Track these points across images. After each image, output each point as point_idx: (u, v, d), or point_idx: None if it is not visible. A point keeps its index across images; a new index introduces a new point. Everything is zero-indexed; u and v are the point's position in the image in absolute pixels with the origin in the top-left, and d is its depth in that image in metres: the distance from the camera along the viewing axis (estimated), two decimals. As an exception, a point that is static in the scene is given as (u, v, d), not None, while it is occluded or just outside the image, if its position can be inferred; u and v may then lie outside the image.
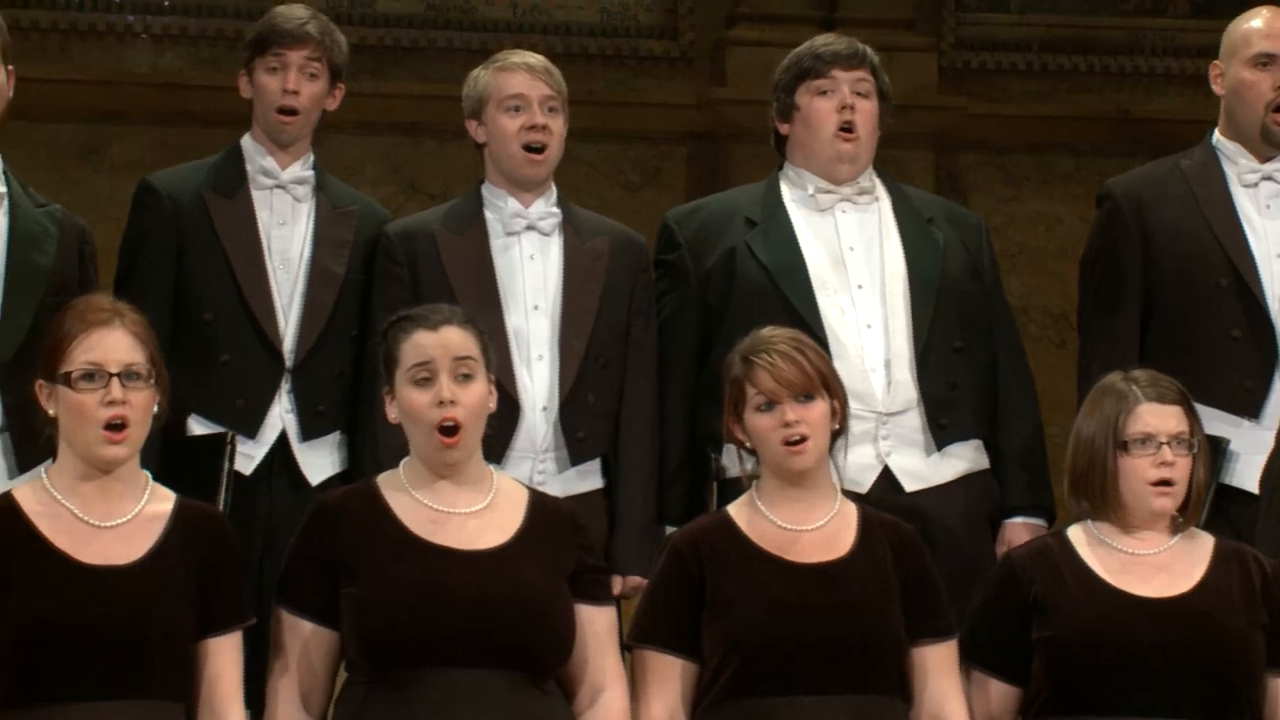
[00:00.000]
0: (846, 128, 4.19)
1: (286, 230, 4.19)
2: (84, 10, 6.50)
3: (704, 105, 6.82)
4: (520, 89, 4.14)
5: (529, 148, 4.14)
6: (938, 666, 3.62)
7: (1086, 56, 7.14)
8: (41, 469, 3.47)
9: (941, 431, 4.12)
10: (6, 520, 3.37)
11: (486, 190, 4.21)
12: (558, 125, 4.17)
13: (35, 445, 3.56)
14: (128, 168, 4.63)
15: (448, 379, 3.52)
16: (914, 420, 4.11)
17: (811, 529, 3.62)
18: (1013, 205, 7.07)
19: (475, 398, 3.54)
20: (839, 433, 3.65)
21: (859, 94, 4.21)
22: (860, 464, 3.98)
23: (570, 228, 4.19)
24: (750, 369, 3.62)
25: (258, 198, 4.19)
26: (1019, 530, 4.16)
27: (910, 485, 4.10)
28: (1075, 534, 3.70)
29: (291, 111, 4.17)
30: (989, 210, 6.92)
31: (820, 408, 3.61)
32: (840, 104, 4.18)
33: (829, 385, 3.63)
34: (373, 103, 6.40)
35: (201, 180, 4.19)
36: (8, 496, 3.43)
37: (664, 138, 6.82)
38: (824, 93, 4.20)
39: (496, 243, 4.15)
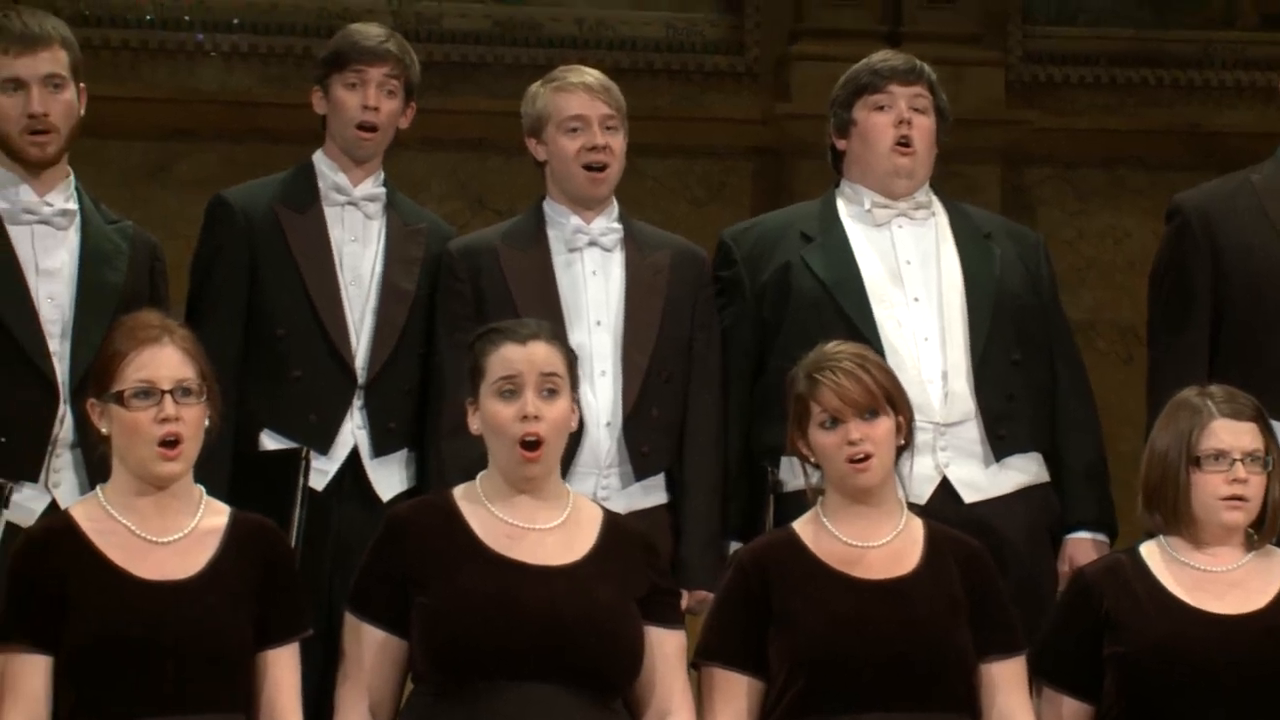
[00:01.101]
0: (903, 142, 4.19)
1: (358, 247, 4.20)
2: (154, 29, 6.55)
3: (769, 120, 6.81)
4: (580, 109, 4.15)
5: (590, 167, 4.14)
6: (1006, 683, 3.60)
7: (1155, 70, 7.09)
8: (97, 488, 3.49)
9: (1000, 443, 4.11)
10: (65, 539, 3.39)
11: (548, 207, 4.22)
12: (618, 143, 4.18)
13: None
14: (197, 185, 4.66)
15: (533, 394, 3.53)
16: (972, 432, 4.11)
17: (877, 545, 3.61)
18: (1081, 220, 7.03)
19: (559, 414, 3.55)
20: (904, 448, 3.65)
21: (916, 109, 4.21)
22: (919, 475, 3.97)
23: (632, 243, 4.20)
24: (815, 386, 3.61)
25: (330, 214, 4.21)
26: (1081, 546, 4.14)
27: (969, 496, 4.09)
28: (1148, 550, 3.68)
29: (371, 128, 4.18)
30: (1058, 224, 6.89)
31: (885, 425, 3.60)
32: (897, 119, 4.19)
33: (894, 401, 3.62)
34: (440, 119, 6.41)
35: (274, 195, 4.21)
36: (65, 515, 3.46)
37: (729, 153, 6.82)
38: (881, 108, 4.21)
39: (559, 259, 4.15)
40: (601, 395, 4.09)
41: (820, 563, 3.58)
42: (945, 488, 4.08)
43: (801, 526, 3.65)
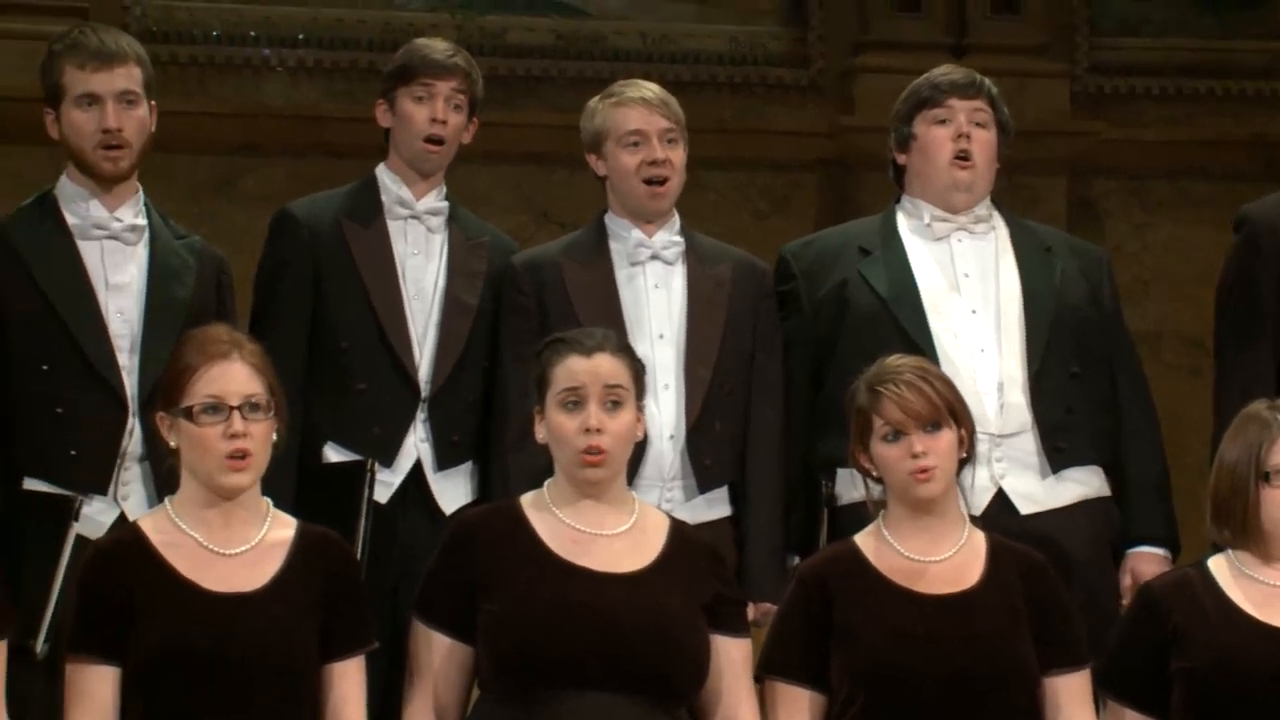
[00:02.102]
0: (963, 156, 4.19)
1: (421, 260, 4.22)
2: (221, 44, 6.59)
3: (833, 133, 6.80)
4: (638, 124, 4.15)
5: (650, 181, 4.15)
6: (1070, 697, 3.59)
7: (1222, 80, 7.05)
8: (166, 500, 3.51)
9: (1057, 455, 4.10)
10: (134, 550, 3.42)
11: (609, 221, 4.23)
12: (677, 156, 4.18)
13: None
14: (263, 200, 4.69)
15: (596, 406, 3.54)
16: (1028, 443, 4.10)
17: (939, 560, 3.60)
18: (1148, 232, 6.99)
19: (623, 426, 3.56)
20: (966, 460, 3.64)
21: (976, 123, 4.21)
22: (975, 486, 3.96)
23: (693, 256, 4.20)
24: (877, 399, 3.60)
25: (393, 228, 4.22)
26: (1143, 560, 4.13)
27: (1025, 508, 4.08)
28: (1216, 564, 3.65)
29: (438, 141, 4.20)
30: (1124, 236, 6.86)
31: (948, 437, 3.59)
32: (956, 132, 4.19)
33: (956, 414, 3.62)
34: (504, 132, 6.43)
35: (338, 209, 4.23)
36: (134, 527, 3.48)
37: (793, 166, 6.81)
38: (941, 121, 4.21)
39: (621, 273, 4.16)
40: (665, 408, 4.09)
41: (882, 577, 3.58)
42: (1001, 499, 4.07)
43: (863, 540, 3.65)
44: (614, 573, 3.52)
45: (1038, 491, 4.10)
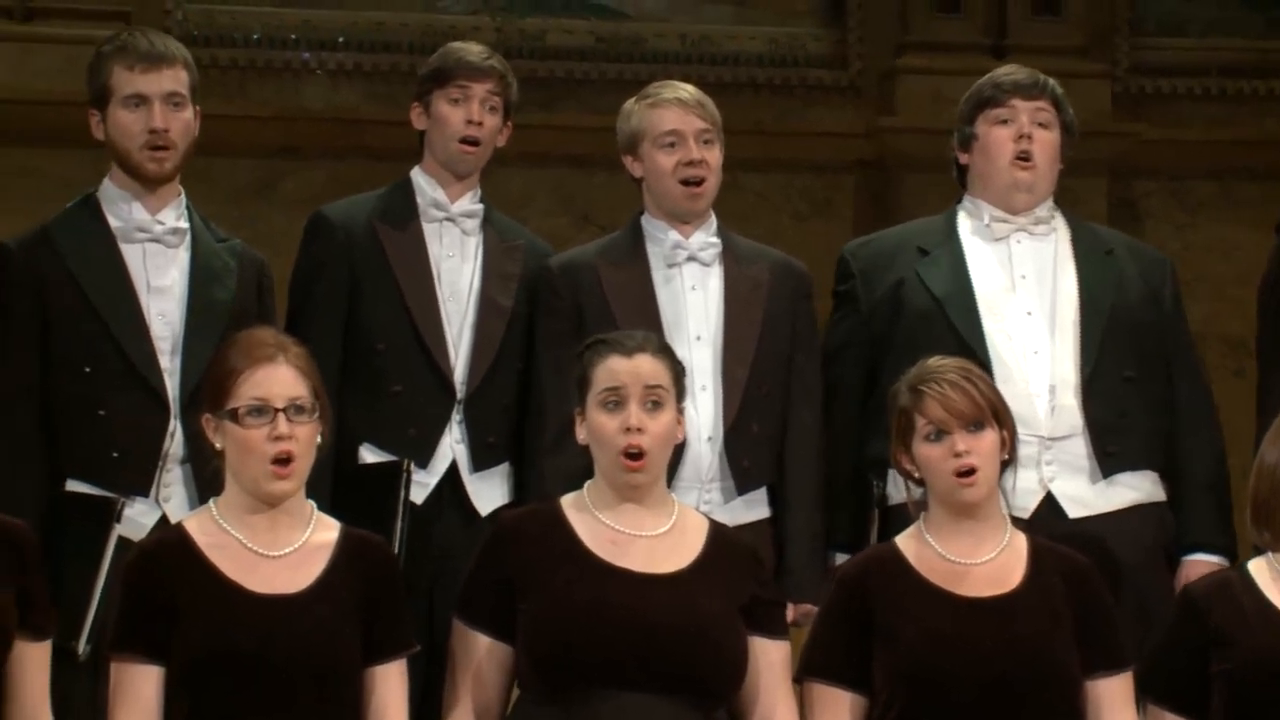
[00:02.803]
0: (1024, 156, 4.17)
1: (455, 263, 4.23)
2: (261, 47, 6.61)
3: (872, 134, 6.79)
4: (674, 124, 4.15)
5: (687, 182, 4.15)
6: (1112, 701, 3.58)
7: (1265, 80, 7.01)
8: (210, 501, 3.52)
9: (1109, 459, 4.08)
10: (178, 551, 3.43)
11: (646, 222, 4.23)
12: (714, 157, 4.18)
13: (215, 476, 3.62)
14: (303, 203, 4.70)
15: (637, 406, 3.54)
16: (1079, 447, 4.08)
17: (981, 562, 3.59)
18: (1189, 232, 6.96)
19: (663, 426, 3.56)
20: (1008, 462, 3.63)
21: (1039, 124, 4.19)
22: (1023, 489, 3.95)
23: (730, 257, 4.20)
24: (919, 399, 3.60)
25: (428, 230, 4.23)
26: (1199, 568, 4.09)
27: (1074, 512, 4.06)
28: (1256, 567, 3.64)
29: (474, 142, 4.21)
30: (1165, 237, 6.82)
31: (990, 438, 3.58)
32: (1018, 133, 4.17)
33: (999, 415, 3.61)
34: (543, 135, 6.44)
35: (373, 211, 4.24)
36: (178, 528, 3.50)
37: (833, 167, 6.80)
38: (1003, 121, 4.19)
39: (658, 274, 4.16)
40: (703, 410, 4.09)
41: (922, 579, 3.57)
42: (1050, 502, 4.06)
43: (904, 542, 3.64)
44: (653, 573, 3.52)
45: (1087, 495, 4.08)
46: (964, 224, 4.22)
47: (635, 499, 3.57)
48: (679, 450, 3.97)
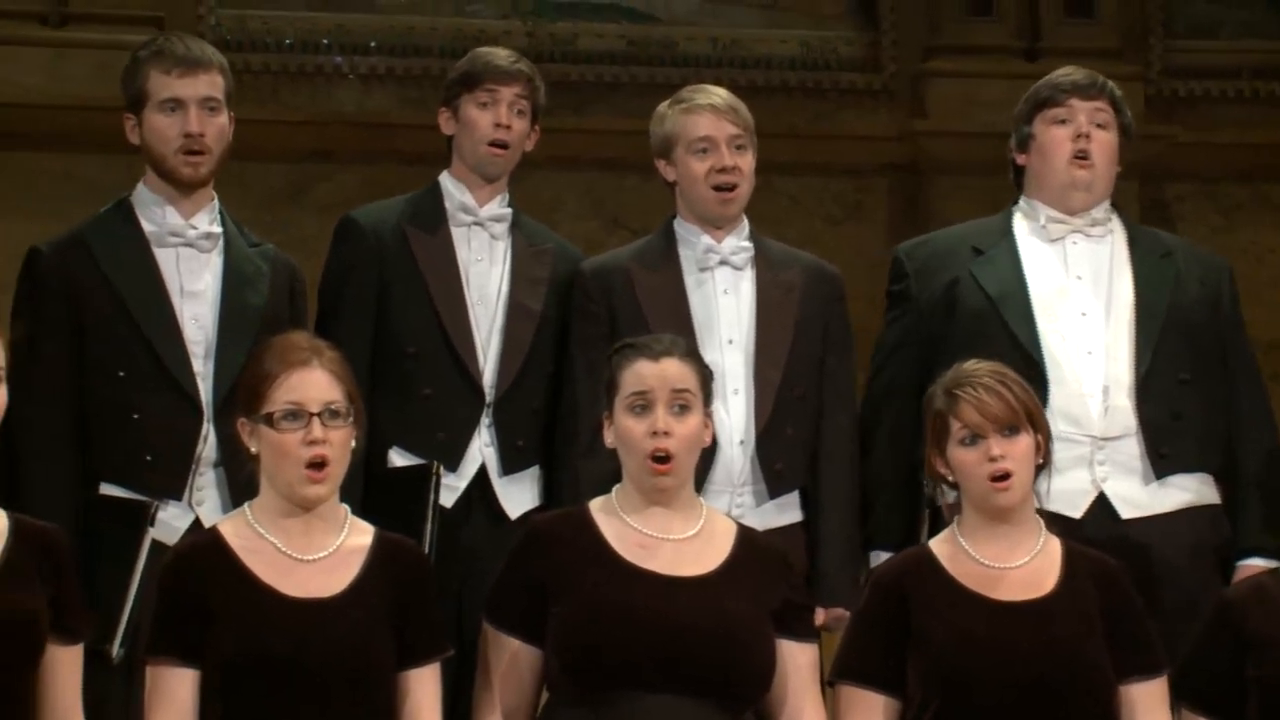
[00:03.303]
0: (1082, 155, 4.15)
1: (484, 266, 4.23)
2: (293, 52, 6.62)
3: (904, 137, 6.78)
4: (707, 131, 4.15)
5: (719, 188, 4.15)
6: (1146, 705, 3.56)
7: (1301, 81, 7.00)
8: (245, 505, 3.53)
9: (1162, 461, 4.06)
10: (213, 554, 3.44)
11: (678, 226, 4.23)
12: (746, 162, 4.18)
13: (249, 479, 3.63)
14: (335, 207, 4.71)
15: (664, 410, 3.55)
16: (1132, 448, 4.06)
17: (1015, 566, 3.58)
18: (1223, 235, 6.93)
19: (690, 430, 3.56)
20: (1042, 466, 3.62)
21: (1097, 124, 4.18)
22: (1075, 489, 3.94)
23: (763, 260, 4.20)
24: (954, 402, 3.59)
25: (457, 234, 4.24)
26: (1253, 573, 4.04)
27: (1127, 513, 4.04)
28: (1293, 571, 3.63)
29: (503, 145, 4.21)
30: (1198, 240, 6.78)
31: (1025, 442, 3.57)
32: (1076, 132, 4.16)
33: (1033, 419, 3.60)
34: (575, 138, 6.44)
35: (401, 215, 4.24)
36: (213, 531, 3.50)
37: (865, 170, 6.79)
38: (1061, 121, 4.17)
39: (690, 279, 4.16)
40: (734, 413, 4.09)
41: (957, 584, 3.56)
42: (1102, 503, 4.04)
43: (938, 546, 3.63)
44: (680, 576, 3.53)
45: (1140, 496, 4.06)
46: (1020, 225, 4.21)
47: (663, 502, 3.57)
48: (710, 454, 3.98)
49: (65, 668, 3.32)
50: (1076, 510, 3.96)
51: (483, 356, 4.18)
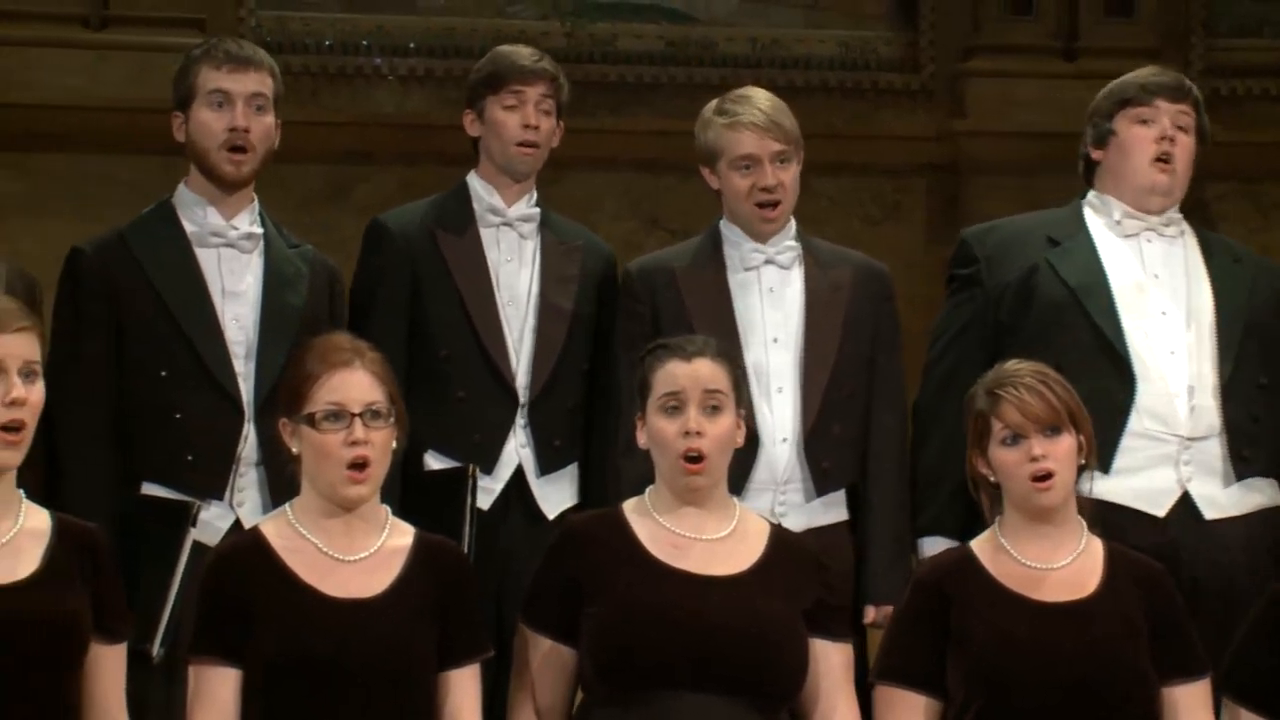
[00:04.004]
0: (1164, 158, 4.13)
1: (514, 267, 4.23)
2: (333, 54, 6.65)
3: (943, 137, 6.77)
4: (750, 149, 4.12)
5: (762, 204, 4.14)
6: (1189, 707, 3.55)
7: (1344, 80, 6.96)
8: (286, 505, 3.54)
9: (1243, 464, 4.05)
10: (254, 555, 3.45)
11: (725, 228, 4.22)
12: (789, 176, 4.15)
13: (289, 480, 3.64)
14: (375, 208, 4.72)
15: (696, 410, 3.55)
16: (1215, 448, 4.05)
17: (1057, 567, 3.57)
18: (1264, 235, 6.90)
19: (722, 430, 3.56)
20: (1084, 467, 3.60)
21: (1180, 127, 4.15)
22: (1159, 488, 3.93)
23: (811, 259, 4.19)
24: (995, 402, 3.58)
25: (485, 235, 4.23)
26: None
27: (1210, 513, 4.03)
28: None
29: (533, 145, 4.21)
30: (1239, 240, 6.76)
31: (1067, 442, 3.56)
32: (1160, 134, 4.13)
33: (1075, 419, 3.58)
34: (613, 139, 6.45)
35: (430, 218, 4.24)
36: (255, 532, 3.51)
37: (903, 171, 6.79)
38: (1145, 121, 4.15)
39: (735, 278, 4.15)
40: (779, 411, 4.08)
41: (998, 584, 3.55)
42: (1186, 502, 4.02)
43: (979, 546, 3.62)
44: (713, 576, 3.53)
45: (1220, 497, 4.04)
46: (1091, 218, 4.18)
47: (696, 502, 3.58)
48: (752, 452, 3.98)
49: (108, 667, 3.33)
50: (1160, 509, 3.94)
51: (515, 358, 4.18)
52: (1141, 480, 3.85)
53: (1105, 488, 3.91)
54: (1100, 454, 3.87)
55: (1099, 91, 4.29)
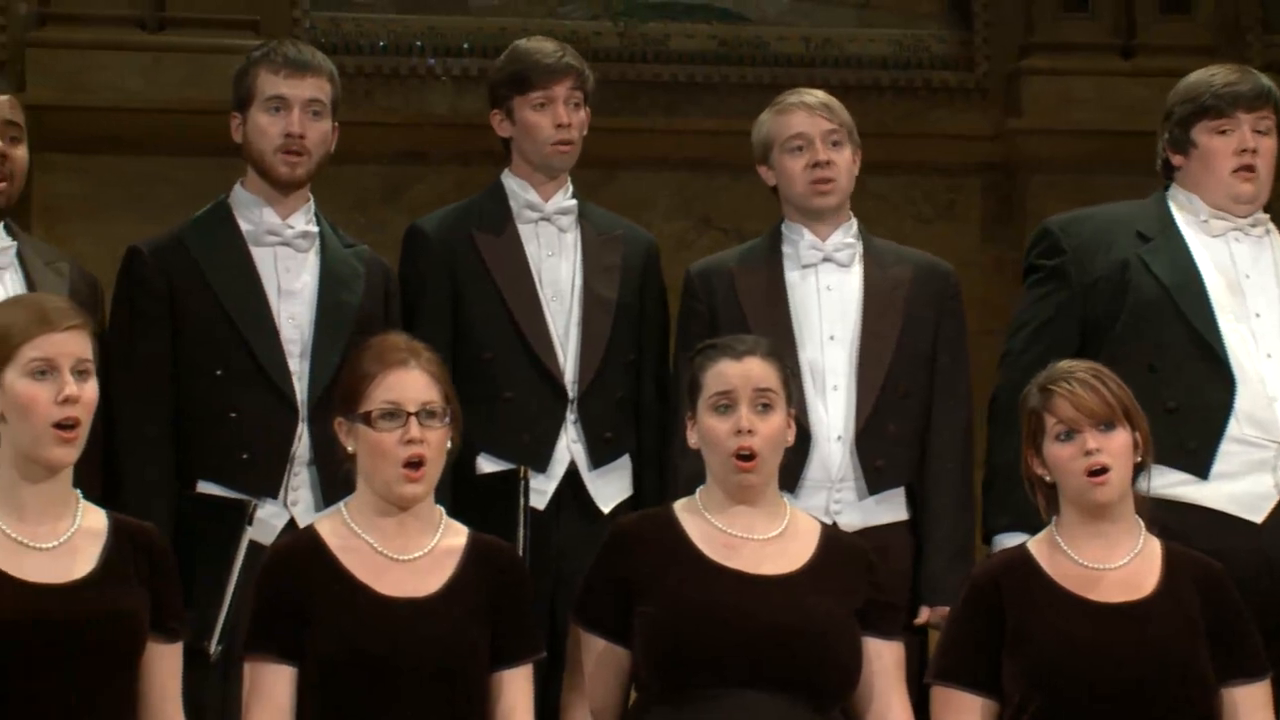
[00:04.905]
0: (1247, 168, 4.09)
1: (555, 261, 4.22)
2: (387, 55, 6.68)
3: (998, 136, 6.75)
4: (801, 128, 4.14)
5: (815, 181, 4.13)
6: (1247, 708, 3.54)
7: (1405, 75, 6.89)
8: (341, 504, 3.55)
9: None
10: (310, 553, 3.46)
11: (785, 227, 4.22)
12: (843, 158, 4.16)
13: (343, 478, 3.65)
14: (429, 208, 4.73)
15: (747, 409, 3.56)
16: None
17: (1114, 567, 3.56)
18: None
19: (773, 429, 3.57)
20: (1141, 466, 3.59)
21: (1259, 132, 4.10)
22: (1257, 493, 3.90)
23: (870, 258, 4.19)
24: (1049, 398, 3.57)
25: (524, 231, 4.23)
26: None
27: None
28: None
29: (568, 142, 4.21)
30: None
31: (1122, 438, 3.55)
32: (1240, 145, 4.08)
33: (1131, 416, 3.57)
34: (666, 138, 6.45)
35: (467, 220, 4.24)
36: (310, 530, 3.53)
37: (958, 170, 6.77)
38: (1224, 132, 4.10)
39: (792, 275, 4.15)
40: (833, 409, 4.08)
41: (1055, 584, 3.54)
42: None
43: (1036, 546, 3.61)
44: (765, 575, 3.54)
45: None
46: (1178, 215, 4.13)
47: (747, 501, 3.59)
48: (805, 449, 3.97)
49: (165, 666, 3.34)
50: (1258, 515, 3.90)
51: (562, 353, 4.17)
52: (1239, 486, 3.82)
53: (1202, 493, 3.91)
54: (1197, 459, 3.88)
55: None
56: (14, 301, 3.41)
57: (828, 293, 4.15)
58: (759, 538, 3.58)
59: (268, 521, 3.93)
